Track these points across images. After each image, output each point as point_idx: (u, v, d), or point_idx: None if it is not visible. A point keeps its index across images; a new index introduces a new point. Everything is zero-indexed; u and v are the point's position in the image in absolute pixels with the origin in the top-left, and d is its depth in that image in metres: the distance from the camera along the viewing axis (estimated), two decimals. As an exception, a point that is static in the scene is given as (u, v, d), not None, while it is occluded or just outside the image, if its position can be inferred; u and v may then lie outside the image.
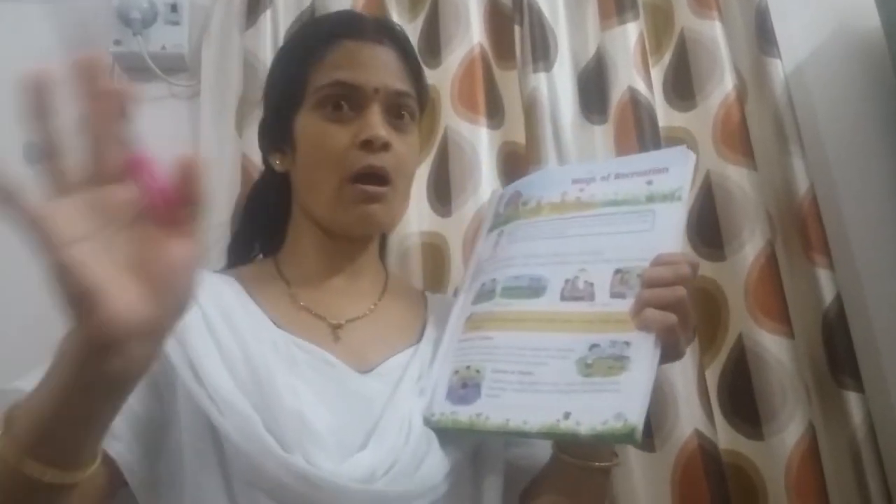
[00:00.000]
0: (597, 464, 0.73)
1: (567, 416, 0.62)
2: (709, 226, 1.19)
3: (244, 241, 0.91)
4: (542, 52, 1.24)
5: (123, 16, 1.28)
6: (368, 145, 0.76)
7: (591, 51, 1.29)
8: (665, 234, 0.68)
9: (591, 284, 0.69)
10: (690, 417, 1.07)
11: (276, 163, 0.84)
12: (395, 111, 0.80)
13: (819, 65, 1.33)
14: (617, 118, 1.22)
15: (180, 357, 0.67)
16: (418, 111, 0.85)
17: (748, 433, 1.12)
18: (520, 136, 1.25)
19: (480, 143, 1.21)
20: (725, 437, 1.12)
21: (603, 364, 0.64)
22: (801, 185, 1.18)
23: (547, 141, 1.19)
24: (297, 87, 0.80)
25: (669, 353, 0.64)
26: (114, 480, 0.65)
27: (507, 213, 0.81)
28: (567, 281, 0.70)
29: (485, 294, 0.76)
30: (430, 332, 0.81)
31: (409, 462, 0.67)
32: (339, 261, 0.83)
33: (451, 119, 1.23)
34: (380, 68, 0.79)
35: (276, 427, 0.64)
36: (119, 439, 0.64)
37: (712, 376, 1.16)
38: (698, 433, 1.07)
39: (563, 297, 0.70)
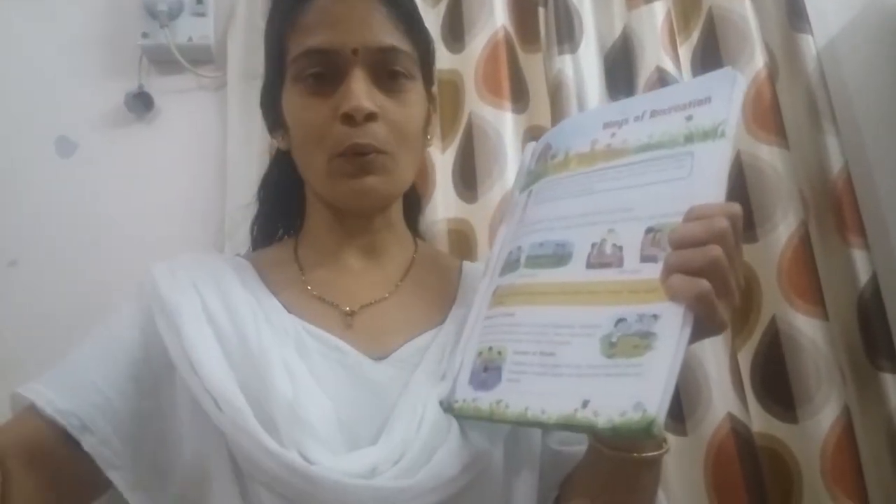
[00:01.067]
0: (636, 455, 0.62)
1: (585, 404, 0.55)
2: (741, 205, 1.17)
3: (265, 222, 0.88)
4: (567, 34, 1.22)
5: (150, 8, 1.29)
6: (350, 119, 0.68)
7: (618, 31, 1.27)
8: (705, 180, 0.57)
9: (620, 248, 0.59)
10: (723, 401, 1.06)
11: (280, 141, 0.79)
12: (385, 71, 0.71)
13: (852, 40, 1.30)
14: (644, 99, 1.20)
15: (177, 348, 0.65)
16: (419, 66, 0.75)
17: (782, 416, 1.10)
18: (545, 120, 1.24)
19: (505, 128, 1.20)
20: (759, 421, 1.11)
21: (628, 343, 0.55)
22: (835, 163, 1.15)
23: (573, 124, 1.18)
24: (277, 59, 0.74)
25: (705, 326, 0.53)
26: (98, 476, 0.64)
27: (537, 169, 0.71)
28: (594, 245, 0.61)
29: (510, 264, 0.67)
30: (457, 309, 0.74)
31: (419, 455, 0.61)
32: (353, 238, 0.77)
33: (476, 105, 1.22)
34: (359, 24, 0.70)
35: (269, 420, 0.61)
36: (93, 432, 0.63)
37: (745, 359, 1.14)
38: (731, 417, 1.06)
39: (588, 265, 0.60)
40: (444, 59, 1.29)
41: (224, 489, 0.63)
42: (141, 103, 1.32)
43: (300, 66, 0.71)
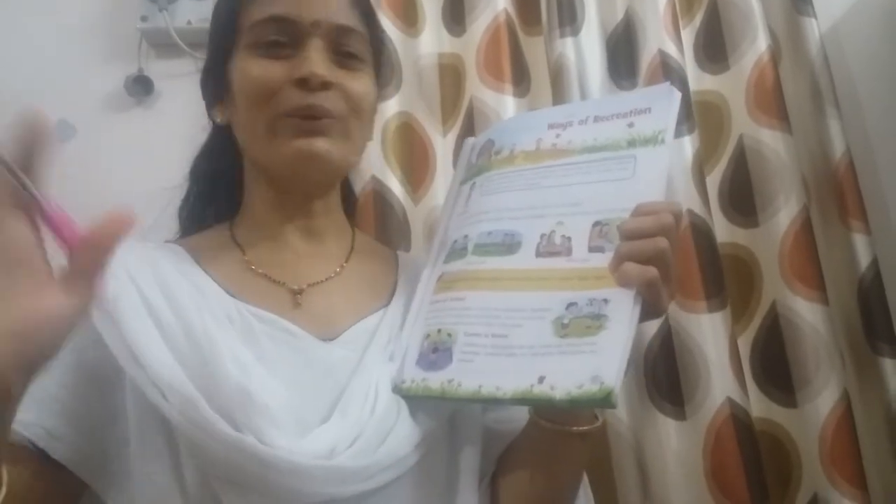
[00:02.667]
0: (575, 428, 0.67)
1: (541, 380, 0.58)
2: (742, 191, 1.17)
3: (194, 207, 0.85)
4: (568, 17, 1.21)
5: (149, -9, 1.29)
6: (305, 83, 0.69)
7: (620, 14, 1.26)
8: (647, 181, 0.63)
9: (569, 239, 0.64)
10: (722, 385, 1.06)
11: (217, 114, 0.78)
12: (340, 50, 0.72)
13: (856, 23, 1.29)
14: (647, 83, 1.19)
15: (118, 343, 0.62)
16: (371, 56, 0.77)
17: (781, 401, 1.11)
18: (547, 104, 1.23)
19: (507, 113, 1.19)
20: (758, 406, 1.11)
21: (580, 324, 0.59)
22: (838, 148, 1.15)
23: (574, 108, 1.17)
24: (230, 26, 0.74)
25: (650, 309, 0.59)
26: (72, 484, 0.63)
27: (480, 163, 0.75)
28: (543, 236, 0.66)
29: (456, 252, 0.71)
30: (400, 293, 0.76)
31: (374, 434, 0.63)
32: (295, 218, 0.76)
33: (477, 88, 1.21)
34: (322, 2, 0.72)
35: (222, 406, 0.59)
36: (60, 440, 0.63)
37: (745, 344, 1.15)
38: (730, 401, 1.06)
39: (538, 254, 0.65)
40: (445, 42, 1.29)
41: (168, 494, 0.61)
42: (140, 87, 1.32)
43: (258, 32, 0.71)
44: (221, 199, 0.82)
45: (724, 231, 1.18)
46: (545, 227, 0.65)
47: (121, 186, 1.28)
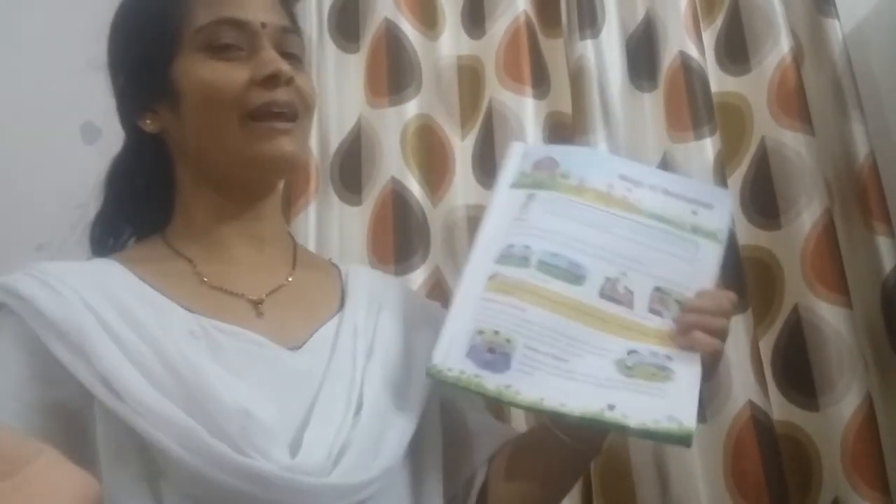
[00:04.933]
0: (586, 448, 0.75)
1: (612, 407, 0.64)
2: (764, 194, 1.17)
3: (111, 224, 0.80)
4: (588, 19, 1.21)
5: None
6: (272, 80, 0.69)
7: (640, 15, 1.26)
8: (705, 269, 0.72)
9: (631, 292, 0.71)
10: (744, 388, 1.06)
11: (148, 124, 0.74)
12: (283, 50, 0.73)
13: (879, 24, 1.27)
14: (667, 85, 1.19)
15: (90, 376, 0.59)
16: (303, 51, 0.78)
17: (803, 404, 1.10)
18: (566, 106, 1.23)
19: (526, 115, 1.20)
20: (780, 409, 1.10)
21: (644, 370, 0.66)
22: (861, 150, 1.14)
23: (594, 110, 1.17)
24: (170, 31, 0.71)
25: (705, 376, 0.67)
26: None
27: (540, 177, 0.77)
28: (608, 279, 0.71)
29: (515, 258, 0.73)
30: (353, 298, 0.75)
31: (366, 447, 0.64)
32: (241, 227, 0.74)
33: (496, 90, 1.22)
34: (262, 5, 0.72)
35: (221, 430, 0.58)
36: None
37: (766, 347, 1.14)
38: (752, 404, 1.05)
39: (601, 294, 0.71)
40: (464, 44, 1.29)
41: None
42: (164, 89, 1.33)
43: (208, 35, 0.70)
44: (141, 213, 0.79)
45: (745, 233, 1.18)
46: (610, 272, 0.71)
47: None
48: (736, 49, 1.23)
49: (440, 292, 1.13)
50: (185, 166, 0.75)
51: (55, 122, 1.33)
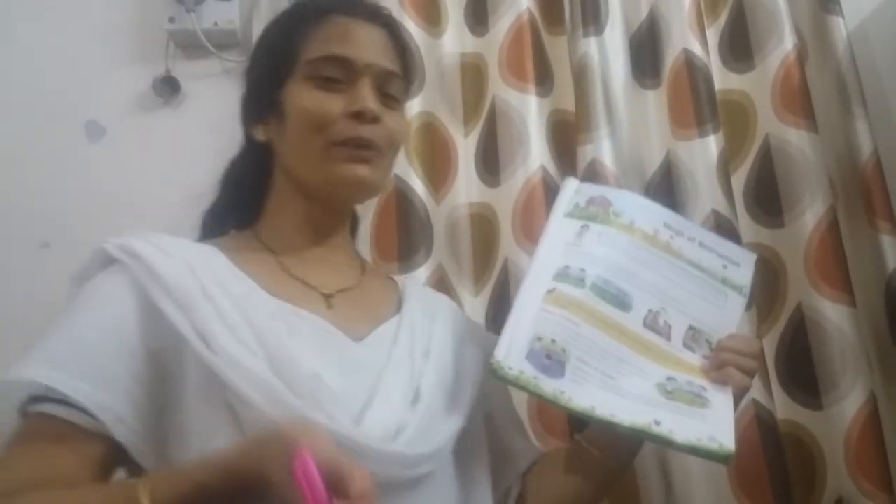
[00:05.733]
0: (617, 465, 0.82)
1: (658, 423, 0.71)
2: (768, 191, 1.16)
3: (220, 214, 0.90)
4: (592, 16, 1.21)
5: (176, -7, 1.30)
6: (360, 116, 0.77)
7: (644, 12, 1.26)
8: (730, 318, 0.82)
9: (669, 326, 0.80)
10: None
11: (258, 133, 0.84)
12: (383, 92, 0.81)
13: (883, 22, 1.27)
14: (671, 82, 1.19)
15: (187, 326, 0.66)
16: (405, 94, 0.87)
17: (806, 403, 1.10)
18: (569, 104, 1.23)
19: (529, 112, 1.20)
20: (783, 407, 1.10)
21: (683, 395, 0.74)
22: (865, 148, 1.13)
23: (598, 108, 1.17)
24: (287, 59, 0.81)
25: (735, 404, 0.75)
26: (114, 465, 0.68)
27: (593, 211, 0.86)
28: (650, 311, 0.80)
29: (571, 278, 0.81)
30: (410, 305, 0.84)
31: (420, 427, 0.70)
32: (321, 231, 0.83)
33: (499, 88, 1.22)
34: (370, 46, 0.81)
35: (296, 392, 0.65)
36: (125, 424, 0.65)
37: (769, 346, 1.14)
38: (755, 403, 1.05)
39: (644, 324, 0.79)
40: (467, 42, 1.29)
41: None
42: (168, 87, 1.34)
43: (317, 66, 0.79)
44: (244, 208, 0.88)
45: (749, 231, 1.17)
46: (653, 305, 0.80)
47: (149, 185, 1.30)
48: (740, 46, 1.23)
49: (443, 289, 1.12)
50: (282, 174, 0.84)
51: (59, 121, 1.33)
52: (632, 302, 0.80)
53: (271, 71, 0.82)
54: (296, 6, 0.89)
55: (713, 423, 0.72)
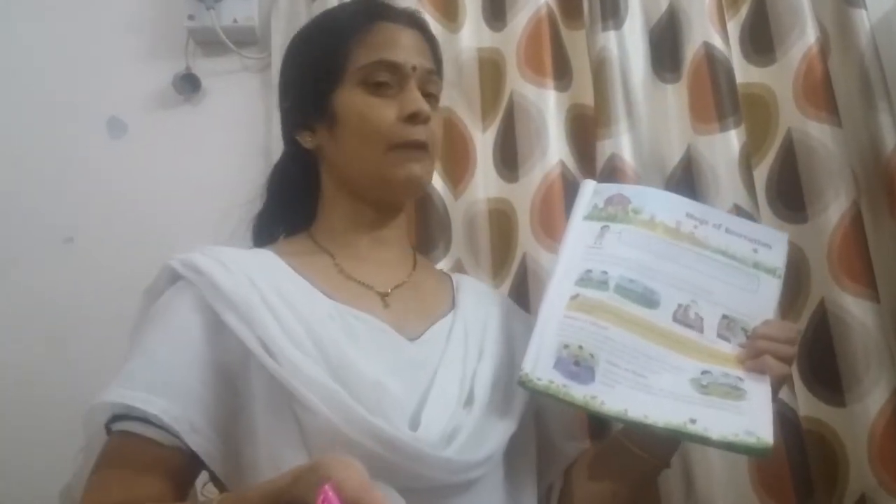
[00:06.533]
0: (657, 461, 0.82)
1: (693, 421, 0.70)
2: (790, 186, 1.15)
3: (270, 221, 0.93)
4: (611, 10, 1.21)
5: (196, -10, 1.31)
6: (414, 118, 0.81)
7: (664, 5, 1.25)
8: (766, 302, 0.80)
9: (701, 319, 0.78)
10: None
11: (307, 140, 0.86)
12: (426, 90, 0.85)
13: (909, 14, 1.25)
14: (691, 76, 1.18)
15: (251, 338, 0.70)
16: (440, 91, 0.90)
17: (829, 400, 1.08)
18: (588, 99, 1.22)
19: (547, 107, 1.19)
20: (805, 404, 1.09)
21: (719, 389, 0.73)
22: (889, 141, 1.12)
23: (617, 102, 1.17)
24: (336, 65, 0.83)
25: (774, 392, 0.75)
26: (195, 471, 0.72)
27: (612, 211, 0.86)
28: (680, 306, 0.79)
29: (594, 282, 0.81)
30: (463, 303, 0.86)
31: (475, 432, 0.72)
32: (374, 231, 0.86)
33: (517, 83, 1.21)
34: (414, 49, 0.85)
35: (357, 396, 0.68)
36: (198, 432, 0.69)
37: (791, 342, 1.12)
38: (777, 399, 1.03)
39: (674, 319, 0.78)
40: (485, 37, 1.29)
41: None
42: (188, 84, 1.35)
43: (368, 73, 0.82)
44: (293, 213, 0.91)
45: (771, 226, 1.16)
46: (682, 299, 0.79)
47: (169, 181, 1.32)
48: (761, 39, 1.22)
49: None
50: (332, 178, 0.87)
51: (81, 117, 1.35)
52: (659, 299, 0.79)
53: (319, 79, 0.84)
54: (336, 13, 0.92)
55: (750, 416, 0.71)
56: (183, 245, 0.80)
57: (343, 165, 0.85)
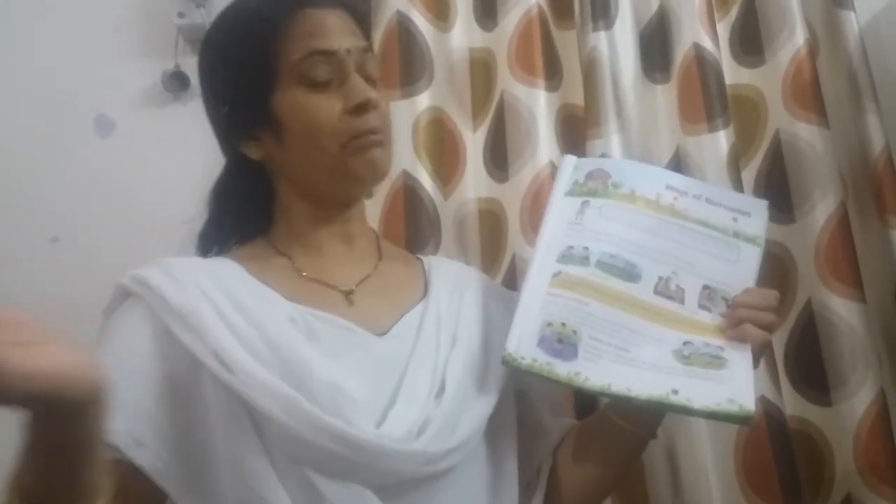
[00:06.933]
0: (643, 432, 0.81)
1: (675, 392, 0.71)
2: (778, 187, 1.16)
3: (219, 236, 0.88)
4: (601, 10, 1.21)
5: (185, -13, 1.31)
6: (362, 108, 0.77)
7: (654, 6, 1.25)
8: (746, 271, 0.80)
9: (682, 290, 0.78)
10: (756, 383, 1.05)
11: (253, 151, 0.81)
12: (365, 72, 0.80)
13: (895, 17, 1.26)
14: (681, 77, 1.19)
15: (202, 350, 0.68)
16: (377, 67, 0.85)
17: (815, 399, 1.09)
18: (578, 99, 1.23)
19: (538, 107, 1.19)
20: (792, 404, 1.10)
21: (700, 359, 0.73)
22: (877, 143, 1.13)
23: (607, 102, 1.17)
24: (266, 66, 0.78)
25: (755, 360, 0.74)
26: (151, 493, 0.68)
27: (592, 186, 0.86)
28: (661, 278, 0.79)
29: (575, 258, 0.81)
30: (436, 288, 0.84)
31: (445, 421, 0.71)
32: (334, 229, 0.83)
33: (508, 83, 1.21)
34: (344, 30, 0.80)
35: (314, 400, 0.66)
36: (145, 447, 0.67)
37: (779, 342, 1.13)
38: (763, 399, 1.05)
39: (656, 291, 0.78)
40: (476, 37, 1.29)
41: (265, 483, 0.66)
42: (177, 82, 1.34)
43: (304, 67, 0.77)
44: (245, 222, 0.87)
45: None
46: (663, 271, 0.79)
47: (157, 179, 1.31)
48: (750, 41, 1.22)
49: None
50: (288, 185, 0.83)
51: (69, 115, 1.34)
52: (640, 272, 0.79)
53: (252, 83, 0.79)
54: (252, 5, 0.83)
55: (732, 384, 0.71)
56: (168, 244, 0.80)
57: (299, 172, 0.81)
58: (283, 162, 0.81)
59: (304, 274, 0.80)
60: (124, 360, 0.70)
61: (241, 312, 0.71)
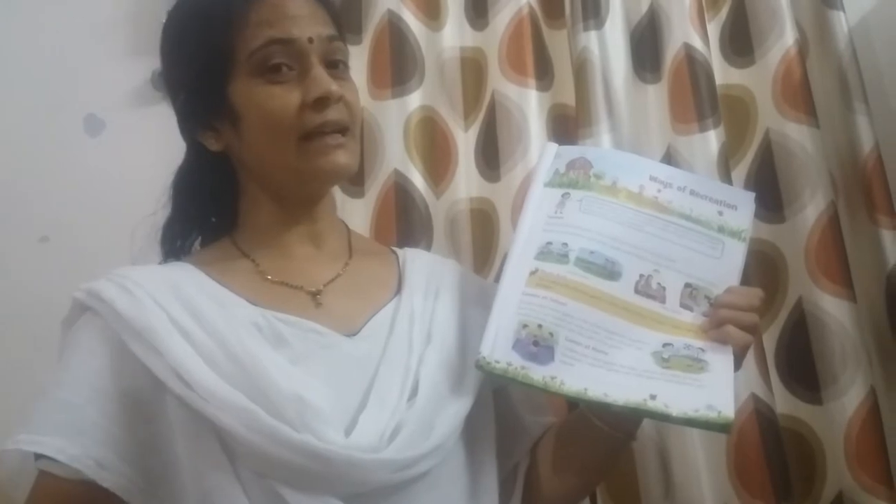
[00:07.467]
0: (622, 435, 0.78)
1: (653, 397, 0.68)
2: (768, 186, 1.16)
3: (181, 231, 0.84)
4: (592, 10, 1.21)
5: (175, -14, 1.30)
6: (322, 102, 0.73)
7: (645, 6, 1.25)
8: (731, 267, 0.77)
9: (664, 288, 0.75)
10: (746, 381, 1.06)
11: (212, 142, 0.78)
12: (331, 60, 0.76)
13: (885, 17, 1.26)
14: (671, 77, 1.19)
15: (159, 365, 0.66)
16: (348, 54, 0.81)
17: (806, 398, 1.10)
18: (570, 98, 1.23)
19: (529, 107, 1.19)
20: (783, 403, 1.10)
21: (680, 361, 0.70)
22: (866, 143, 1.13)
23: (598, 102, 1.17)
24: (223, 54, 0.74)
25: (734, 366, 0.71)
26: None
27: (574, 177, 0.82)
28: (642, 276, 0.76)
29: (553, 255, 0.77)
30: (410, 282, 0.80)
31: (418, 426, 0.68)
32: (301, 227, 0.79)
33: (499, 82, 1.21)
34: (307, 17, 0.75)
35: (278, 413, 0.64)
36: (107, 468, 0.65)
37: (770, 340, 1.14)
38: (755, 397, 1.05)
39: (636, 290, 0.75)
40: (467, 36, 1.29)
41: (230, 497, 0.65)
42: (166, 81, 1.33)
43: (261, 57, 0.73)
44: (206, 217, 0.84)
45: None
46: (644, 269, 0.76)
47: (148, 178, 1.30)
48: (741, 41, 1.23)
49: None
50: (250, 178, 0.79)
51: (58, 115, 1.33)
52: (621, 270, 0.76)
53: (209, 71, 0.75)
54: None
55: (711, 389, 0.68)
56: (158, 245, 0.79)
57: (256, 164, 0.77)
58: (243, 155, 0.78)
59: (269, 277, 0.77)
60: (82, 381, 0.68)
61: (200, 324, 0.68)
